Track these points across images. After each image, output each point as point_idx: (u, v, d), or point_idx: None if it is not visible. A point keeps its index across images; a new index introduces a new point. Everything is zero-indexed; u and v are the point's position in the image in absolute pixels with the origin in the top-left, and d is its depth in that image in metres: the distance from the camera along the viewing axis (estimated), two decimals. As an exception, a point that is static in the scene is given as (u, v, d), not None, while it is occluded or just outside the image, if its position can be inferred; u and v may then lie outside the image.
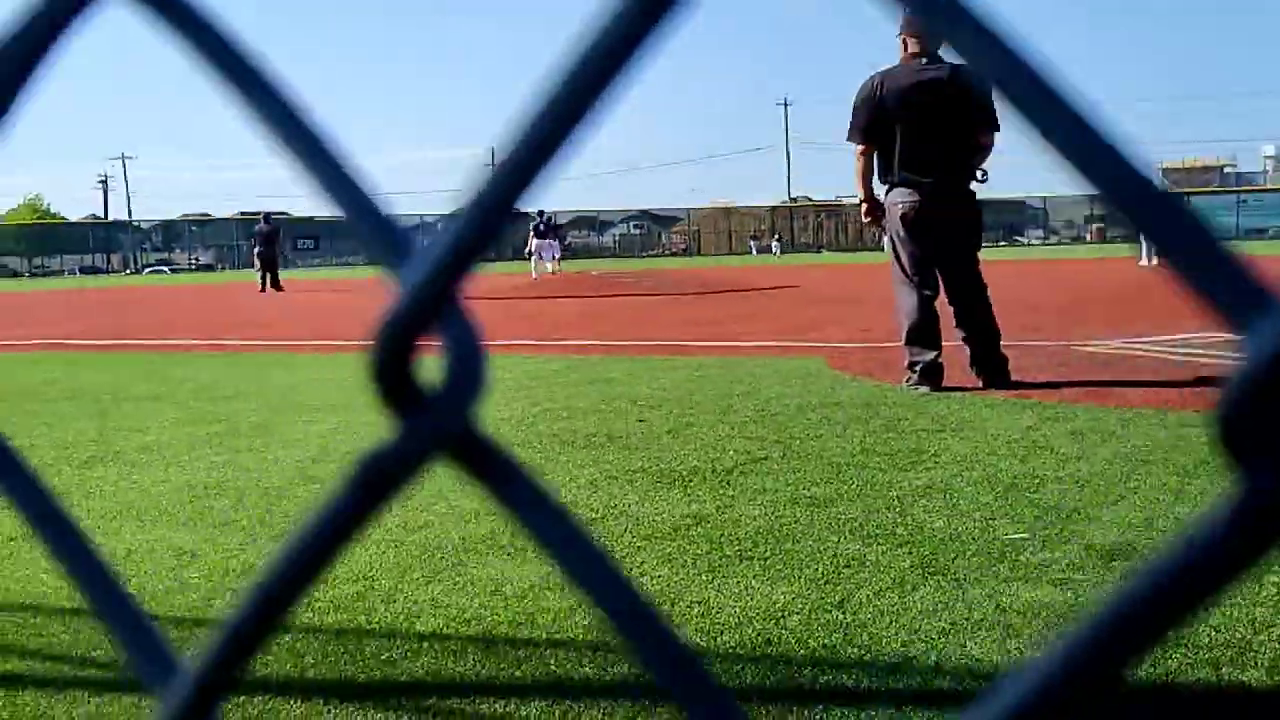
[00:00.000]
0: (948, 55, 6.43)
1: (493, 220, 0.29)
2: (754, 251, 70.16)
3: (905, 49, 6.64)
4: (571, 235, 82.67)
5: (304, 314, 17.25)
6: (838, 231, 75.74)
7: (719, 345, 9.98)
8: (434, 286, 0.29)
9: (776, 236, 72.43)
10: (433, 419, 0.30)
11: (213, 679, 0.35)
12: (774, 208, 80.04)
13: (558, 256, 29.27)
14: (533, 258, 28.81)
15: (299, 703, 2.50)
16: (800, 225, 76.21)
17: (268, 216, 28.92)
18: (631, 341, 10.56)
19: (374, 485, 0.31)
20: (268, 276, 27.58)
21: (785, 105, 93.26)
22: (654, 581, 3.25)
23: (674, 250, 79.25)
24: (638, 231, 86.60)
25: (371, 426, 6.04)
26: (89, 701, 2.53)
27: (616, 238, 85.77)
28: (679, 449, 5.11)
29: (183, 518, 4.17)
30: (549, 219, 29.77)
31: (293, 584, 0.34)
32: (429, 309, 0.29)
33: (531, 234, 29.27)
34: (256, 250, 28.16)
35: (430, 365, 0.30)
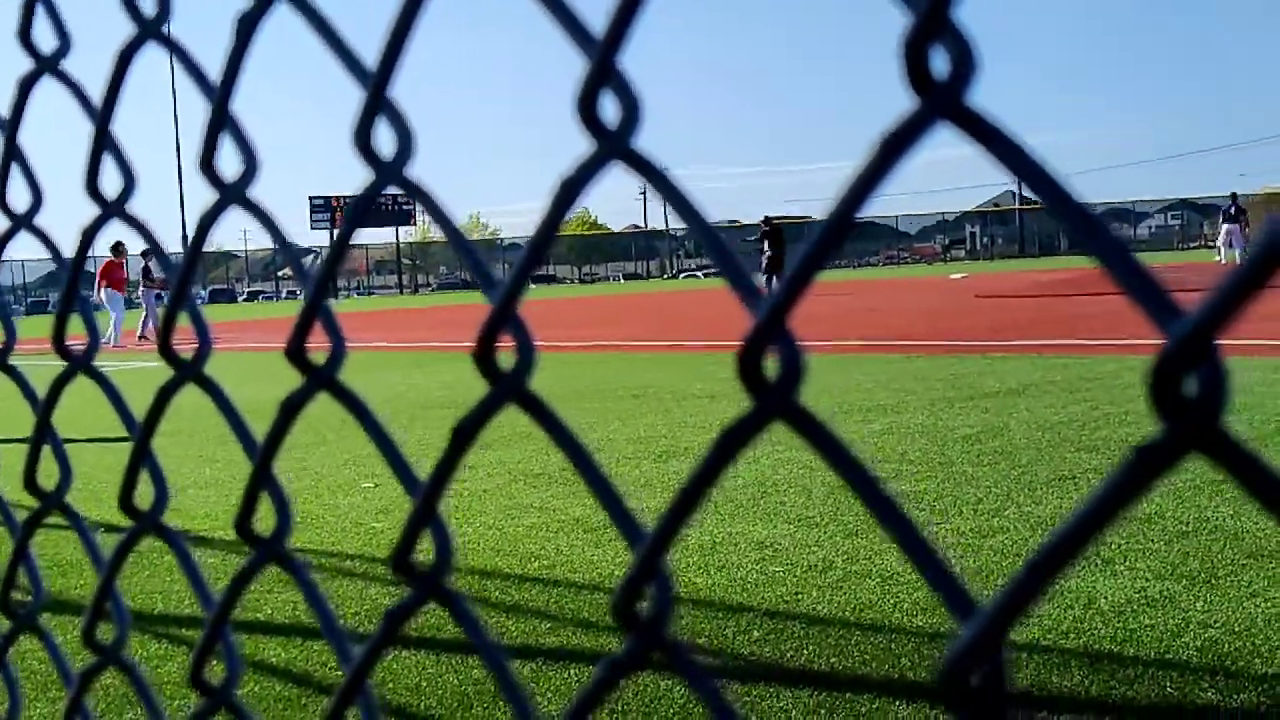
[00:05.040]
0: None
1: None
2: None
3: None
4: (1101, 229, 77.81)
5: (813, 317, 17.49)
6: None
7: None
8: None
9: None
10: (1192, 420, 0.33)
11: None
12: (1341, 192, 71.11)
13: None
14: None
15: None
16: (1374, 209, 67.10)
17: (768, 219, 27.99)
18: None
19: (1140, 472, 0.34)
20: (771, 279, 25.70)
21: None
22: None
23: (1214, 243, 72.67)
24: (1175, 223, 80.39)
25: (919, 428, 6.02)
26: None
27: (1152, 229, 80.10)
28: None
29: (758, 512, 4.37)
30: None
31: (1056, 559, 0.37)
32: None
33: None
34: (762, 253, 27.35)
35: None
